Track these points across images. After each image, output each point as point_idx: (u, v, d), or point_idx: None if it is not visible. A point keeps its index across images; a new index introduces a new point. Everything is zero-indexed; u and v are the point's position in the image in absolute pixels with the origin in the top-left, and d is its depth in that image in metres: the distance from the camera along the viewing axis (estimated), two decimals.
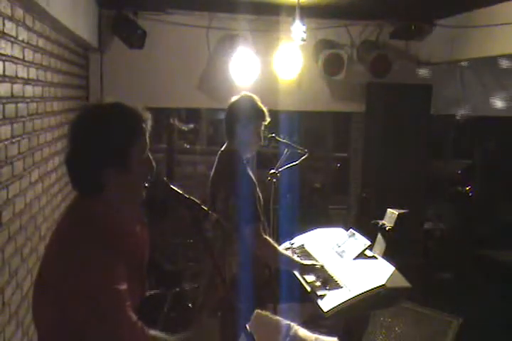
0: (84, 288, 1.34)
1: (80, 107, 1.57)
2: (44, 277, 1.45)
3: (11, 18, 2.15)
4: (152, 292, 1.70)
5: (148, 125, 1.55)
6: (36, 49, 2.58)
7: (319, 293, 2.72)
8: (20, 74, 2.30)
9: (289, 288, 3.13)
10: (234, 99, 2.98)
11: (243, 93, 3.03)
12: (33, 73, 2.52)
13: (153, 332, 1.45)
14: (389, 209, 3.44)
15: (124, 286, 1.41)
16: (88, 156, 1.47)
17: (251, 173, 2.91)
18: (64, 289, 1.34)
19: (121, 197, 1.52)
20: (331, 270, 2.94)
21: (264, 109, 2.95)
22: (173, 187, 1.64)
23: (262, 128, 2.96)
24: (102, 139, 1.46)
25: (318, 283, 2.83)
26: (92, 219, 1.47)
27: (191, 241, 4.42)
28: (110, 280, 1.38)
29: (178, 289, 1.63)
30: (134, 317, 1.41)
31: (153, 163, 1.57)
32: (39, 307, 1.46)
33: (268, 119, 2.96)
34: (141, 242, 1.63)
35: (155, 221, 4.99)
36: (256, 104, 2.94)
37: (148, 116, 1.56)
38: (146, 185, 1.57)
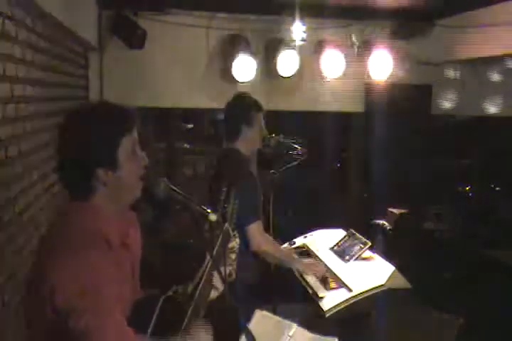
0: (72, 290, 1.34)
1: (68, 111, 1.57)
2: (33, 278, 1.44)
3: (11, 18, 2.15)
4: (147, 294, 1.69)
5: (135, 121, 1.54)
6: (36, 49, 2.58)
7: (319, 293, 2.72)
8: (20, 75, 2.29)
9: (289, 288, 3.13)
10: (229, 101, 3.06)
11: (235, 94, 3.11)
12: (33, 73, 2.52)
13: (140, 337, 1.44)
14: (389, 209, 3.45)
15: (112, 289, 1.40)
16: (75, 158, 1.47)
17: (253, 171, 2.95)
18: (52, 290, 1.34)
19: (113, 197, 1.51)
20: (331, 270, 2.94)
21: (258, 101, 3.01)
22: (173, 187, 1.64)
23: (262, 120, 3.01)
24: (86, 139, 1.46)
25: (318, 284, 2.83)
26: (80, 223, 1.46)
27: (191, 241, 4.41)
28: (99, 283, 1.37)
29: (170, 292, 1.62)
30: (122, 321, 1.40)
31: (146, 160, 1.56)
32: (29, 306, 1.46)
33: (263, 109, 3.04)
34: (132, 244, 1.63)
35: (155, 221, 4.99)
36: (251, 100, 3.02)
37: (134, 113, 1.55)
38: (144, 184, 1.57)
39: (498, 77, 5.24)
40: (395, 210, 3.40)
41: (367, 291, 2.61)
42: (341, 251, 3.13)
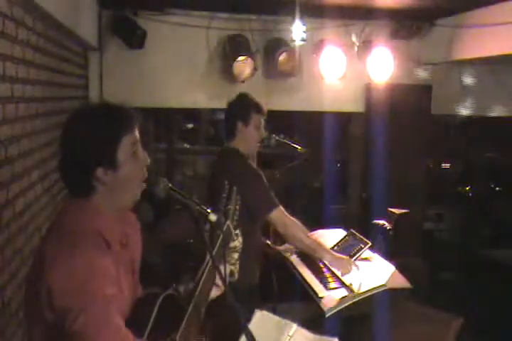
0: (68, 290, 1.33)
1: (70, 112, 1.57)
2: (32, 278, 1.44)
3: (11, 18, 2.15)
4: (147, 293, 1.69)
5: (136, 121, 1.54)
6: (36, 49, 2.58)
7: (319, 293, 2.72)
8: (20, 74, 2.30)
9: (289, 288, 3.13)
10: (231, 99, 3.07)
11: (239, 93, 3.10)
12: (33, 73, 2.52)
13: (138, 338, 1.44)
14: (389, 209, 3.45)
15: (110, 289, 1.40)
16: (76, 157, 1.47)
17: (254, 166, 2.96)
18: (49, 290, 1.34)
19: (113, 197, 1.51)
20: (332, 270, 2.94)
21: (261, 104, 3.01)
22: (173, 187, 1.64)
23: (262, 123, 3.02)
24: (86, 138, 1.46)
25: (318, 283, 2.83)
26: (79, 222, 1.46)
27: (191, 241, 4.42)
28: (96, 283, 1.37)
29: (169, 291, 1.62)
30: (119, 323, 1.39)
31: (148, 160, 1.56)
32: (28, 306, 1.46)
33: (265, 114, 3.03)
34: (132, 245, 1.63)
35: (155, 221, 4.99)
36: (253, 100, 3.03)
37: (135, 113, 1.55)
38: (145, 184, 1.57)
39: (498, 77, 5.25)
40: (395, 210, 3.39)
41: (367, 291, 2.61)
42: (341, 251, 3.12)
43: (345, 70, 4.61)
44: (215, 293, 1.80)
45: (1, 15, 2.02)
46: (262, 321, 2.07)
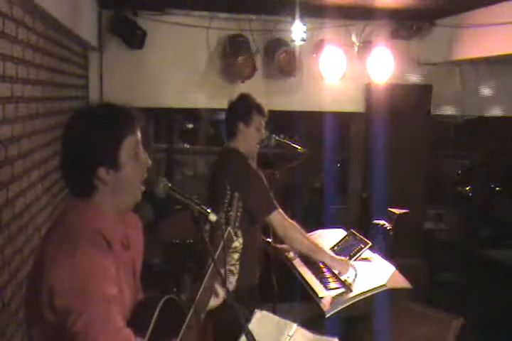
0: (70, 290, 1.33)
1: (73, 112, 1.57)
2: (33, 278, 1.44)
3: (11, 18, 2.15)
4: (148, 295, 1.69)
5: (139, 123, 1.55)
6: (36, 49, 2.58)
7: (319, 293, 2.72)
8: (20, 74, 2.29)
9: (289, 288, 3.13)
10: (232, 99, 3.06)
11: (240, 93, 3.09)
12: (33, 73, 2.52)
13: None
14: (389, 209, 3.45)
15: (111, 290, 1.40)
16: (78, 156, 1.47)
17: (255, 166, 2.97)
18: (50, 290, 1.34)
19: (114, 197, 1.51)
20: (332, 270, 2.95)
21: (263, 106, 3.01)
22: (173, 187, 1.64)
23: (262, 125, 3.02)
24: (89, 137, 1.46)
25: (318, 283, 2.83)
26: (80, 221, 1.46)
27: (191, 241, 4.42)
28: (97, 283, 1.37)
29: (171, 294, 1.61)
30: (120, 323, 1.39)
31: (149, 161, 1.57)
32: (29, 306, 1.46)
33: (266, 115, 3.02)
34: (133, 246, 1.63)
35: (155, 221, 4.99)
36: (254, 101, 3.02)
37: (138, 114, 1.56)
38: (145, 185, 1.57)
39: (498, 77, 5.25)
40: (395, 210, 3.39)
41: (367, 291, 2.60)
42: (341, 251, 3.12)
43: (345, 70, 4.61)
44: (214, 302, 1.80)
45: (1, 15, 2.02)
46: (262, 321, 2.07)
